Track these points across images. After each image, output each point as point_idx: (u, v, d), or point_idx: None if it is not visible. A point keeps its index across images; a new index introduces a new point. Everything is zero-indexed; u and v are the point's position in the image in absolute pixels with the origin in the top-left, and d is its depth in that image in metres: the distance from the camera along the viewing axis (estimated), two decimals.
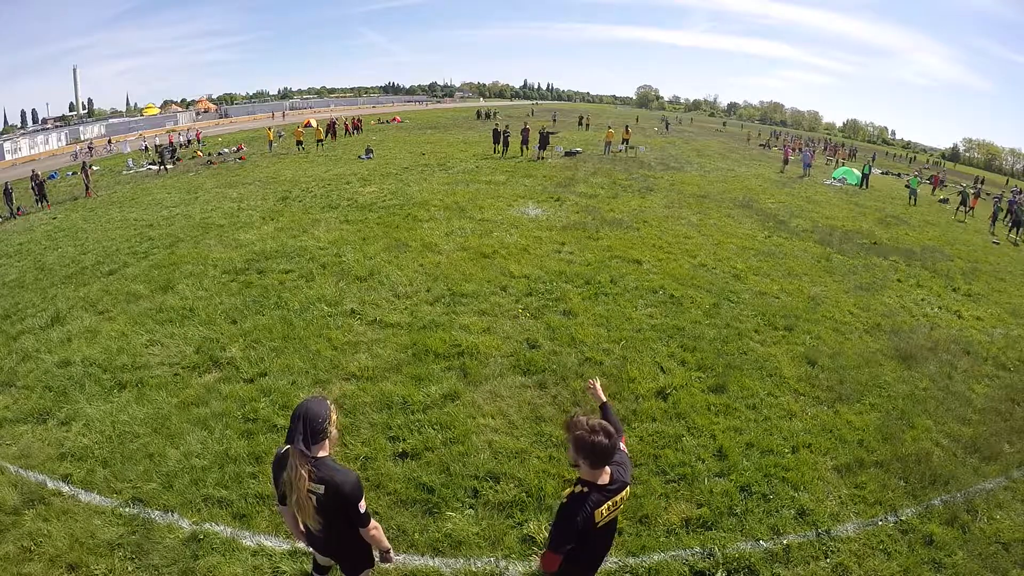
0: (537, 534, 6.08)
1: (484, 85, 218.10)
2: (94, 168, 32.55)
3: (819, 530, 6.51)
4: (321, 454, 3.76)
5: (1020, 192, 53.33)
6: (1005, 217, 29.87)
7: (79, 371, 9.24)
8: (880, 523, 6.70)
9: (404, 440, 7.49)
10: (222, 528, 6.08)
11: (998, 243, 26.43)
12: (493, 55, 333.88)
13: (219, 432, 7.58)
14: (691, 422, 8.22)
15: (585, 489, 3.81)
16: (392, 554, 4.35)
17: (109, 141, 53.64)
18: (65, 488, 6.69)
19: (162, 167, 34.89)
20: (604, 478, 3.85)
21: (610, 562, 5.81)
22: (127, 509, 6.34)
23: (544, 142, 34.40)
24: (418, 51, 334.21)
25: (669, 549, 6.07)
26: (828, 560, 6.12)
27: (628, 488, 3.95)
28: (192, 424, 7.77)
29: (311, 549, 4.45)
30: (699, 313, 11.96)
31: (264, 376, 8.95)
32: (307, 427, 3.66)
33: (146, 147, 47.96)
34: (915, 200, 34.23)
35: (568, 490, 3.89)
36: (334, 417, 3.85)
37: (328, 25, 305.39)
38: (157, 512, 6.30)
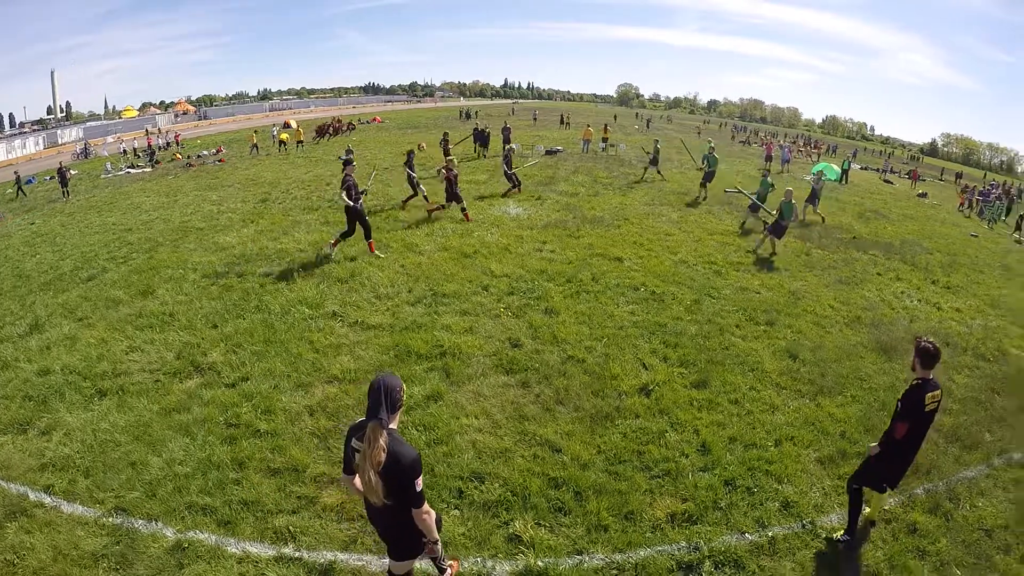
0: (523, 533, 6.09)
1: (465, 84, 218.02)
2: (72, 172, 32.19)
3: (804, 521, 6.58)
4: (392, 425, 4.10)
5: (996, 186, 54.03)
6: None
7: (59, 379, 9.12)
8: (864, 512, 6.77)
9: None
10: (207, 536, 6.03)
11: (976, 236, 26.75)
12: (474, 54, 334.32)
13: (201, 438, 7.51)
14: (674, 418, 8.26)
15: (921, 381, 5.78)
16: (439, 547, 4.60)
17: (85, 145, 53.04)
18: (47, 499, 6.61)
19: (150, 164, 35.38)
20: (931, 375, 5.78)
21: (596, 559, 5.86)
22: (110, 519, 6.28)
23: (483, 140, 34.28)
24: (399, 51, 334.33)
25: (655, 544, 6.11)
26: (813, 551, 6.19)
27: (940, 392, 5.90)
28: (174, 431, 7.70)
29: (371, 524, 4.67)
30: (680, 309, 12.01)
31: (246, 381, 8.88)
32: (387, 398, 4.03)
33: (124, 150, 47.59)
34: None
35: (910, 384, 5.86)
36: (404, 390, 4.26)
37: (308, 26, 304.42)
38: (141, 521, 6.24)
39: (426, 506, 4.21)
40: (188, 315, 11.30)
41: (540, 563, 5.75)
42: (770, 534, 6.34)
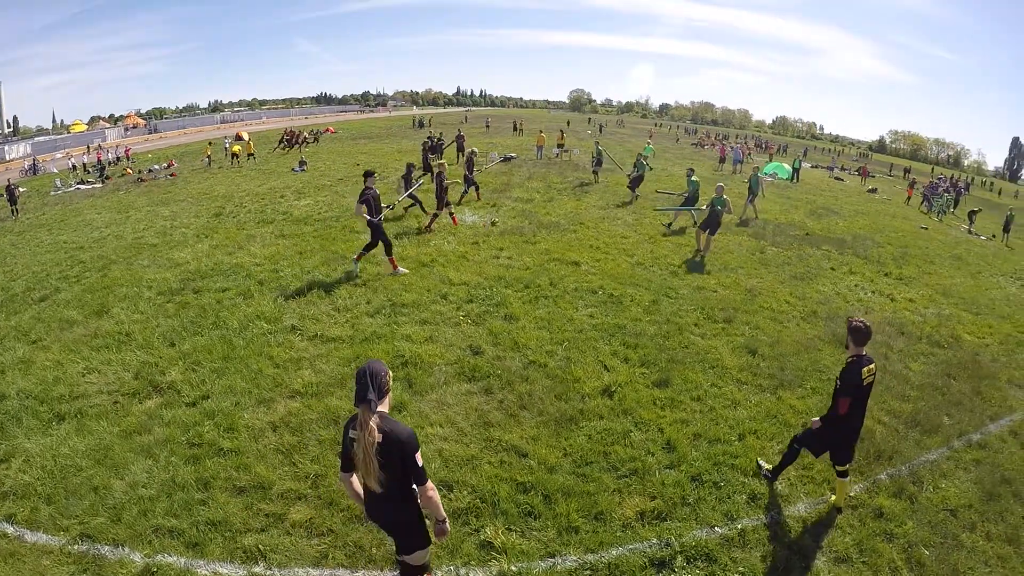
0: (494, 539, 6.11)
1: (417, 93, 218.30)
2: (20, 189, 31.37)
3: (772, 513, 6.72)
4: (382, 409, 4.23)
5: (944, 180, 55.59)
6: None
7: (15, 404, 8.82)
8: (830, 500, 6.94)
9: None
10: (175, 559, 5.91)
11: (926, 228, 27.47)
12: (425, 63, 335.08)
13: (164, 459, 7.36)
14: (638, 417, 8.36)
15: (855, 357, 6.29)
16: (447, 525, 4.56)
17: (34, 161, 51.73)
18: (10, 529, 6.40)
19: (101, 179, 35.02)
20: (864, 351, 6.30)
21: (569, 560, 5.91)
22: (76, 547, 6.09)
23: (436, 149, 33.51)
24: (351, 61, 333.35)
25: (627, 543, 6.18)
26: (784, 540, 6.34)
27: (875, 365, 6.41)
28: (136, 453, 7.52)
29: (372, 522, 4.70)
30: (639, 310, 12.16)
31: (206, 399, 8.72)
32: (374, 382, 4.16)
33: (73, 166, 46.57)
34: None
35: (846, 362, 6.36)
36: (391, 375, 4.40)
37: (260, 36, 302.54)
38: (107, 547, 6.08)
39: (430, 483, 4.33)
40: (145, 334, 11.06)
41: (513, 568, 5.78)
42: (739, 526, 6.47)
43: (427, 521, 4.63)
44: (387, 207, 14.55)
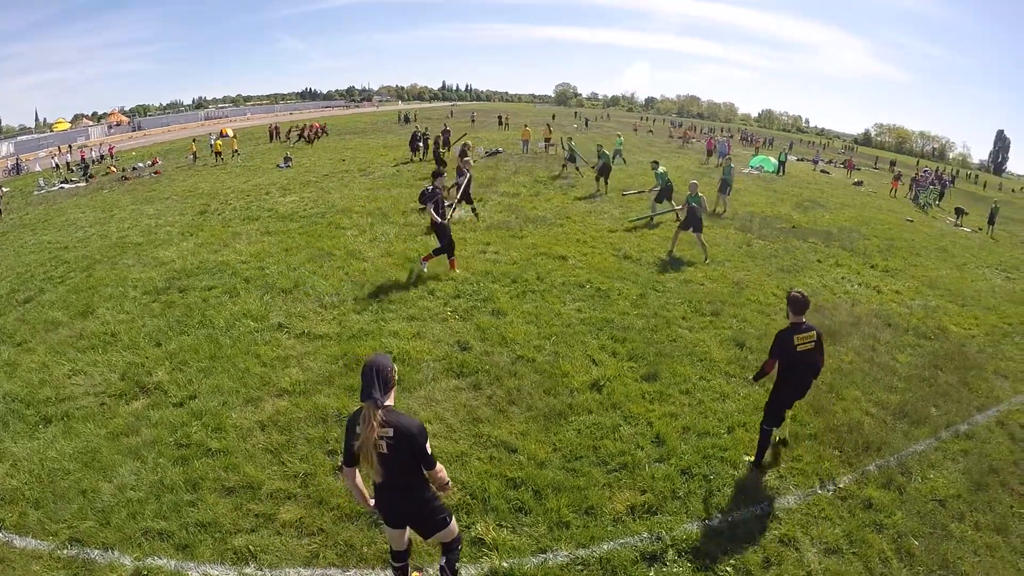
0: (485, 535, 6.11)
1: (403, 88, 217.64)
2: (4, 189, 31.04)
3: (762, 505, 6.75)
4: (388, 403, 4.35)
5: (929, 172, 55.89)
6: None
7: (1, 408, 8.74)
8: (819, 492, 7.02)
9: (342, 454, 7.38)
10: (165, 561, 5.87)
11: (911, 221, 27.65)
12: (410, 58, 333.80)
13: (152, 461, 7.29)
14: (627, 411, 8.37)
15: (792, 325, 6.85)
16: (450, 485, 4.76)
17: (17, 160, 51.26)
18: None
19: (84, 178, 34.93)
20: (803, 320, 6.82)
21: (560, 556, 5.91)
22: (65, 551, 6.03)
23: (423, 143, 33.87)
24: (336, 56, 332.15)
25: (617, 537, 6.19)
26: (774, 532, 6.37)
27: (815, 333, 6.85)
28: (123, 455, 7.46)
29: (381, 518, 4.82)
30: (627, 304, 12.17)
31: (194, 399, 8.65)
32: (379, 378, 4.27)
33: (57, 165, 46.14)
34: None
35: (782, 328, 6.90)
36: (396, 368, 4.47)
37: (244, 32, 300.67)
38: (97, 551, 6.03)
39: (439, 464, 4.52)
40: (130, 334, 10.97)
41: (505, 564, 5.77)
42: (730, 519, 6.51)
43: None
44: (449, 205, 14.33)
